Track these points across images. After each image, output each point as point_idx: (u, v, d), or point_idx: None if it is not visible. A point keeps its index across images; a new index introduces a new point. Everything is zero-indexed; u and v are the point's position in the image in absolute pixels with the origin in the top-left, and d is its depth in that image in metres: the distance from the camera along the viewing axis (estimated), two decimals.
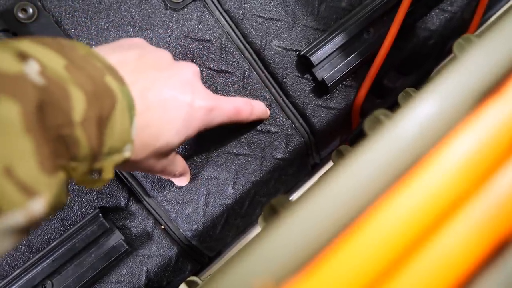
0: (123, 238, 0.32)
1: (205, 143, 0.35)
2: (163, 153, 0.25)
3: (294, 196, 0.42)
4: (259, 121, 0.35)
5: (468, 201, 0.13)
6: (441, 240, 0.13)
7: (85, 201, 0.33)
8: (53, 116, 0.17)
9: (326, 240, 0.13)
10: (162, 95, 0.23)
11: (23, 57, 0.17)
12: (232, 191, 0.36)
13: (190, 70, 0.26)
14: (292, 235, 0.13)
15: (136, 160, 0.24)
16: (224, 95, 0.35)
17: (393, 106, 0.34)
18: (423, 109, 0.13)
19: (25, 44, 0.18)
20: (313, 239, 0.13)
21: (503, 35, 0.15)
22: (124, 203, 0.34)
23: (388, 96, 0.41)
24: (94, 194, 0.34)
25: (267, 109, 0.34)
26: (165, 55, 0.26)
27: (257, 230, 0.41)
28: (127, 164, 0.23)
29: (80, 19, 0.32)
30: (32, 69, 0.17)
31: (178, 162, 0.30)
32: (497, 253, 0.13)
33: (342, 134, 0.42)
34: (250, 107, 0.31)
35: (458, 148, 0.13)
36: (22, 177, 0.15)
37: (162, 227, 0.35)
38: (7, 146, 0.15)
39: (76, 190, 0.33)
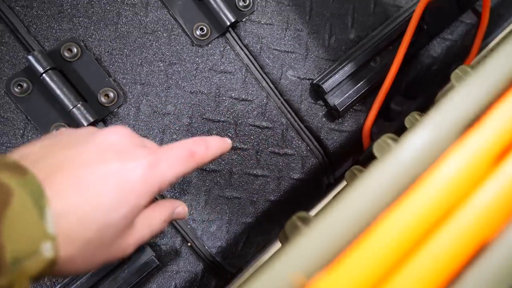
0: (154, 254, 0.35)
1: (226, 166, 0.38)
2: (115, 231, 0.21)
3: (310, 214, 0.44)
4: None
5: (455, 212, 0.16)
6: (435, 244, 0.16)
7: None
8: None
9: (343, 245, 0.16)
10: (74, 173, 0.20)
11: None
12: (253, 210, 0.39)
13: (114, 134, 0.23)
14: (315, 242, 0.16)
15: (73, 256, 0.19)
16: (245, 121, 0.38)
17: (400, 128, 0.37)
18: (419, 139, 0.17)
19: None
20: (333, 244, 0.16)
21: (483, 78, 0.18)
22: None
23: (395, 119, 0.44)
24: None
25: (225, 140, 0.28)
26: (85, 130, 0.23)
27: (275, 247, 0.43)
28: (69, 266, 0.19)
29: (117, 56, 0.36)
30: None
31: (156, 215, 0.25)
32: (478, 254, 0.16)
33: (354, 155, 0.44)
34: (204, 145, 0.26)
35: (446, 170, 0.16)
36: None
37: (189, 244, 0.38)
38: None
39: None
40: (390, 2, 0.43)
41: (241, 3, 0.39)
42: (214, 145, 0.27)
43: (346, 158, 0.44)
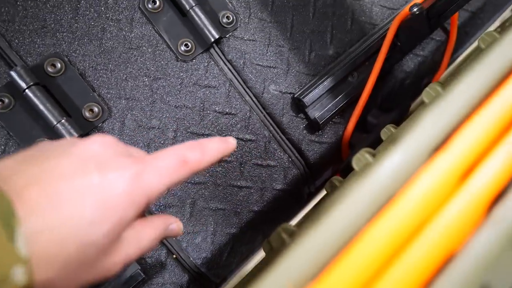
0: (140, 268, 0.35)
1: (211, 178, 0.39)
2: (98, 250, 0.19)
3: (292, 222, 0.46)
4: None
5: (426, 225, 0.18)
6: (409, 254, 0.18)
7: None
8: None
9: (330, 256, 0.17)
10: (51, 187, 0.18)
11: None
12: (237, 221, 0.40)
13: (96, 144, 0.21)
14: (304, 254, 0.17)
15: (52, 279, 0.18)
16: (228, 134, 0.39)
17: (377, 140, 0.39)
18: (393, 160, 0.19)
19: None
20: (320, 256, 0.18)
21: (449, 105, 0.20)
22: None
23: (372, 131, 0.46)
24: None
25: (227, 141, 0.25)
26: (65, 141, 0.21)
27: (258, 256, 0.44)
28: None
29: (101, 72, 0.37)
30: None
31: (147, 231, 0.22)
32: (446, 264, 0.18)
33: (334, 165, 0.46)
34: (199, 150, 0.23)
35: (418, 188, 0.18)
36: None
37: (174, 256, 0.38)
38: None
39: None
40: (366, 20, 0.45)
41: (224, 20, 0.40)
42: (211, 149, 0.24)
43: (326, 168, 0.46)
